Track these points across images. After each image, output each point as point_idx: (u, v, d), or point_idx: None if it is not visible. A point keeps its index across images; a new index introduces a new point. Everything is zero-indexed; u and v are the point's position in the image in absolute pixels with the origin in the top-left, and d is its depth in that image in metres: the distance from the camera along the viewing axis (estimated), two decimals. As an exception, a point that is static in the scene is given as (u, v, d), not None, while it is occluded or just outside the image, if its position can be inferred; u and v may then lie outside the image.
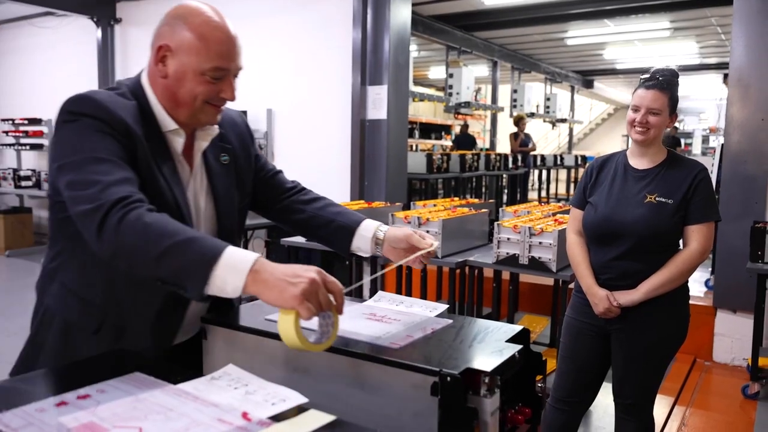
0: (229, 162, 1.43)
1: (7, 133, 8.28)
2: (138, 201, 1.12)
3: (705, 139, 15.27)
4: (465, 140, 11.18)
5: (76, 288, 1.31)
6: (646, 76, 2.16)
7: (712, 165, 4.77)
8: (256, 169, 1.52)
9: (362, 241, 1.46)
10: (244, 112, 5.12)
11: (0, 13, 8.07)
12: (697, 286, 4.81)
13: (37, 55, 8.26)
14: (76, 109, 1.21)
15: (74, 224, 1.16)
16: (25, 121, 8.02)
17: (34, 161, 8.53)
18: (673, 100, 2.14)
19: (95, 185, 1.12)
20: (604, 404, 3.22)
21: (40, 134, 8.04)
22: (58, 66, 8.02)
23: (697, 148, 15.81)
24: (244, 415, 0.88)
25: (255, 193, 1.53)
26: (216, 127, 1.38)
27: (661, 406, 3.32)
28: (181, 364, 1.23)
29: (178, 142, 1.32)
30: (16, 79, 8.60)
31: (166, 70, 1.27)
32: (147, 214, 1.10)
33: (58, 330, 1.32)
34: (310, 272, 1.02)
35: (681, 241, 2.18)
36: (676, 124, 12.83)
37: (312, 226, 1.52)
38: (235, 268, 1.04)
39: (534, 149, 10.15)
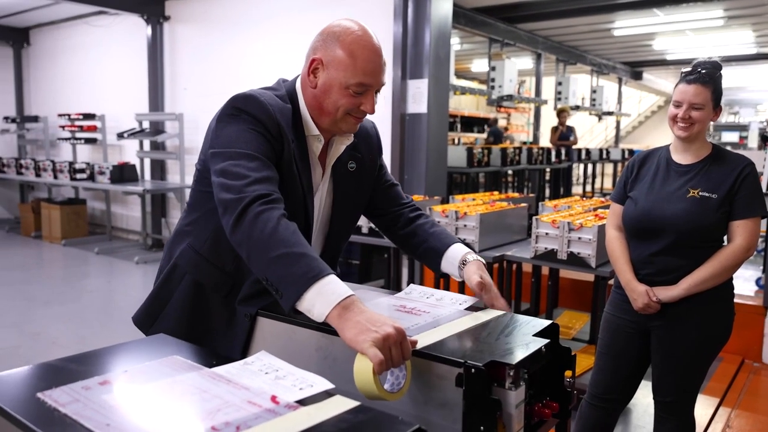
0: (355, 170, 1.54)
1: (63, 127, 8.63)
2: (277, 201, 1.24)
3: (762, 132, 14.66)
4: (496, 134, 11.50)
5: (206, 255, 1.46)
6: (688, 69, 2.11)
7: (765, 159, 4.60)
8: (377, 178, 1.63)
9: (450, 267, 1.52)
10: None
11: (55, 13, 8.40)
12: (748, 285, 4.67)
13: (90, 53, 8.58)
14: (242, 107, 1.34)
15: (214, 200, 1.30)
16: (80, 116, 8.33)
17: (88, 154, 8.87)
18: (717, 94, 2.09)
19: (243, 178, 1.25)
20: (644, 403, 3.17)
21: (93, 129, 8.34)
22: (111, 63, 8.32)
23: (753, 141, 15.21)
24: (273, 399, 0.92)
25: (371, 200, 1.63)
26: (352, 136, 1.49)
27: (705, 407, 3.25)
28: None
29: (317, 146, 1.44)
30: (71, 75, 8.95)
31: (316, 81, 1.38)
32: (281, 218, 1.21)
33: (188, 287, 1.47)
34: (390, 327, 1.06)
35: (725, 238, 2.13)
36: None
37: (410, 243, 1.61)
38: (326, 296, 1.11)
39: (575, 143, 9.93)
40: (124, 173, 7.35)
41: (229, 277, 1.44)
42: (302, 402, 0.92)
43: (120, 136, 7.65)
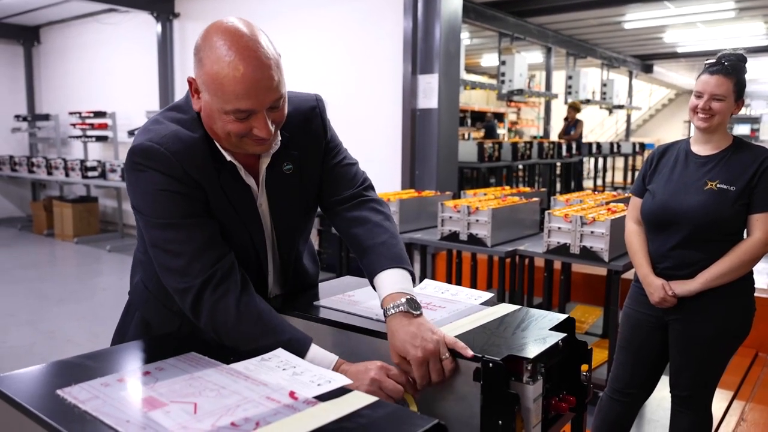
0: (293, 170, 1.32)
1: (74, 125, 8.68)
2: (226, 276, 1.17)
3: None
4: (488, 128, 12.00)
5: (155, 291, 1.37)
6: (712, 60, 2.08)
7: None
8: (323, 164, 1.39)
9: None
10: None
11: (66, 11, 8.44)
12: (761, 277, 4.62)
13: (101, 50, 8.61)
14: (144, 162, 1.17)
15: None
16: (91, 114, 8.38)
17: (99, 152, 8.92)
18: (740, 86, 2.06)
19: (179, 257, 1.17)
20: (658, 397, 3.14)
21: (104, 126, 8.39)
22: (121, 60, 8.35)
23: (765, 134, 15.07)
24: (291, 394, 0.92)
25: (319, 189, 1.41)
26: (278, 141, 1.27)
27: (719, 400, 3.21)
28: None
29: (240, 168, 1.26)
30: (81, 73, 9.00)
31: (199, 104, 1.19)
32: (239, 301, 1.16)
33: (138, 325, 1.42)
34: (370, 372, 1.09)
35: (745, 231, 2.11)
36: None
37: (353, 249, 1.38)
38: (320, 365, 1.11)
39: (574, 137, 9.78)
40: (135, 171, 7.36)
41: (176, 316, 1.33)
42: (320, 398, 0.92)
43: (131, 133, 7.69)
